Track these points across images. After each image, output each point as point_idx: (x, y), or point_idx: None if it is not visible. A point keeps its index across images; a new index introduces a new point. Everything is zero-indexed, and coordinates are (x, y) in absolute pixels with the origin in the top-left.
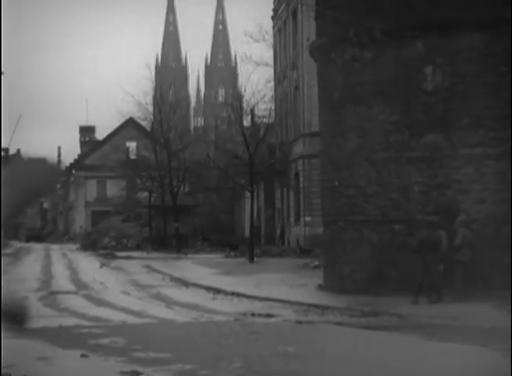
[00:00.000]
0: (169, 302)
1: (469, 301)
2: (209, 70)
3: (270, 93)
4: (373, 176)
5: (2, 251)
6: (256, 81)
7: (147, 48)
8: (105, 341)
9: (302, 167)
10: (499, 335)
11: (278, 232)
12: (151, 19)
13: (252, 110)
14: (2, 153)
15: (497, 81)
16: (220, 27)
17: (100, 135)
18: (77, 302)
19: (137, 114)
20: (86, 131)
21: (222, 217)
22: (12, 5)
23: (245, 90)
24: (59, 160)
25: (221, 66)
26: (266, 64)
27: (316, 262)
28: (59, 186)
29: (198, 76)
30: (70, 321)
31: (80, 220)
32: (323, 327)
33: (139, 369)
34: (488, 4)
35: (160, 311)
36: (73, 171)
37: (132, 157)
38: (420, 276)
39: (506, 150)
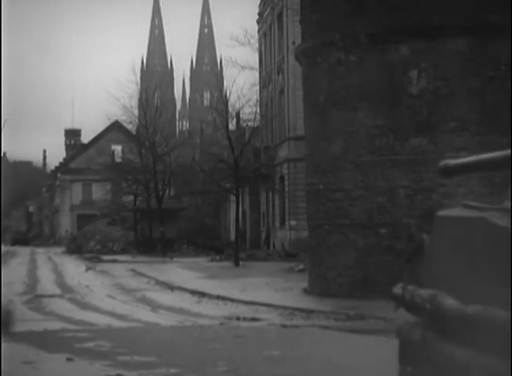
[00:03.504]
0: (154, 306)
1: None
2: (194, 73)
3: (255, 97)
4: (358, 180)
5: None
6: (241, 84)
7: (133, 51)
8: (90, 344)
9: (287, 170)
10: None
11: (263, 236)
12: (137, 23)
13: (237, 114)
14: None
15: (482, 86)
16: (206, 30)
17: (86, 138)
18: (63, 306)
19: (122, 118)
20: (72, 134)
21: (208, 221)
22: None
23: (230, 94)
24: (44, 164)
25: (207, 69)
26: (251, 68)
27: (301, 266)
28: (44, 189)
29: (183, 79)
30: (55, 325)
31: (65, 223)
32: (308, 330)
33: (124, 373)
34: (473, 9)
35: (145, 315)
36: (59, 175)
37: (118, 160)
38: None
39: None
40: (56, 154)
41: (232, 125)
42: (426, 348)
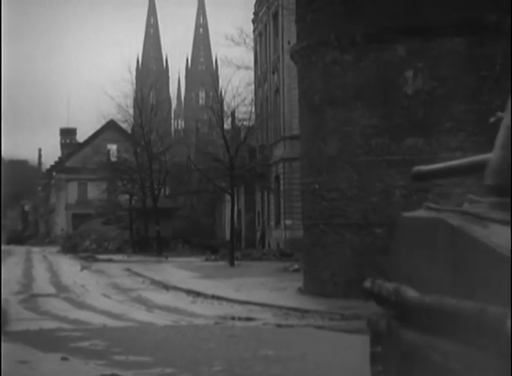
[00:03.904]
0: (149, 306)
1: None
2: (190, 72)
3: (251, 96)
4: (353, 179)
5: None
6: (237, 84)
7: (128, 50)
8: (85, 344)
9: (283, 170)
10: None
11: (258, 235)
12: (132, 22)
13: (233, 113)
14: None
15: (478, 86)
16: (201, 30)
17: (81, 137)
18: (58, 305)
19: (118, 117)
20: (67, 133)
21: (203, 220)
22: None
23: (226, 93)
24: (40, 163)
25: (202, 69)
26: (247, 67)
27: (296, 266)
28: (40, 188)
29: (179, 79)
30: (50, 324)
31: (61, 223)
32: (303, 330)
33: (119, 372)
34: (469, 8)
35: (140, 314)
36: (54, 174)
37: (113, 159)
38: None
39: None
40: (52, 153)
41: (227, 124)
42: (391, 335)
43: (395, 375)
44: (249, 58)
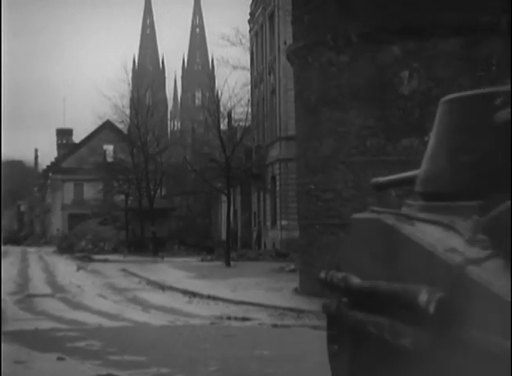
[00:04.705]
0: (145, 306)
1: None
2: (186, 73)
3: (247, 97)
4: (349, 180)
5: None
6: (233, 84)
7: (124, 50)
8: (81, 344)
9: (279, 170)
10: None
11: (254, 235)
12: (128, 22)
13: (229, 114)
14: None
15: (473, 86)
16: (197, 30)
17: (77, 137)
18: (54, 305)
19: (114, 117)
20: (63, 133)
21: (199, 220)
22: None
23: (222, 93)
24: (36, 163)
25: (198, 69)
26: (243, 68)
27: (292, 266)
28: (36, 188)
29: (175, 79)
30: (46, 324)
31: (57, 223)
32: (299, 330)
33: (115, 372)
34: (465, 9)
35: (136, 314)
36: (50, 174)
37: (109, 159)
38: None
39: None
40: (48, 154)
41: (223, 125)
42: (341, 316)
43: (348, 351)
44: (245, 58)
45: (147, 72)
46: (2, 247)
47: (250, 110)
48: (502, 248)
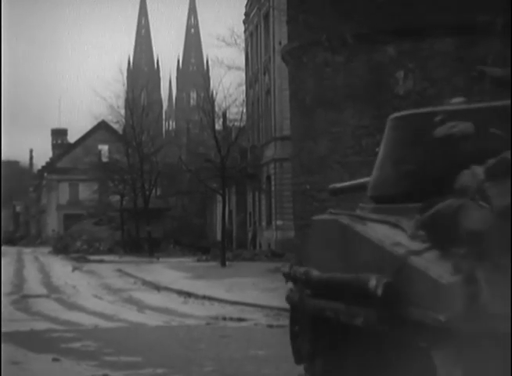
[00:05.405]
0: (141, 306)
1: None
2: (181, 73)
3: (242, 97)
4: (344, 180)
5: None
6: (228, 84)
7: (119, 51)
8: (77, 345)
9: (274, 170)
10: None
11: (250, 236)
12: (123, 22)
13: (224, 114)
14: None
15: (468, 86)
16: (192, 30)
17: (72, 138)
18: (49, 306)
19: (109, 117)
20: (58, 134)
21: (194, 220)
22: None
23: (217, 94)
24: (31, 163)
25: (193, 69)
26: (238, 68)
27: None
28: (31, 189)
29: (170, 79)
30: (41, 325)
31: (52, 223)
32: None
33: (111, 373)
34: (460, 9)
35: (131, 315)
36: (46, 174)
37: (104, 160)
38: None
39: None
40: (43, 154)
41: (218, 125)
42: (303, 304)
43: (308, 332)
44: (240, 59)
45: (142, 72)
46: None
47: (245, 110)
48: (438, 241)
